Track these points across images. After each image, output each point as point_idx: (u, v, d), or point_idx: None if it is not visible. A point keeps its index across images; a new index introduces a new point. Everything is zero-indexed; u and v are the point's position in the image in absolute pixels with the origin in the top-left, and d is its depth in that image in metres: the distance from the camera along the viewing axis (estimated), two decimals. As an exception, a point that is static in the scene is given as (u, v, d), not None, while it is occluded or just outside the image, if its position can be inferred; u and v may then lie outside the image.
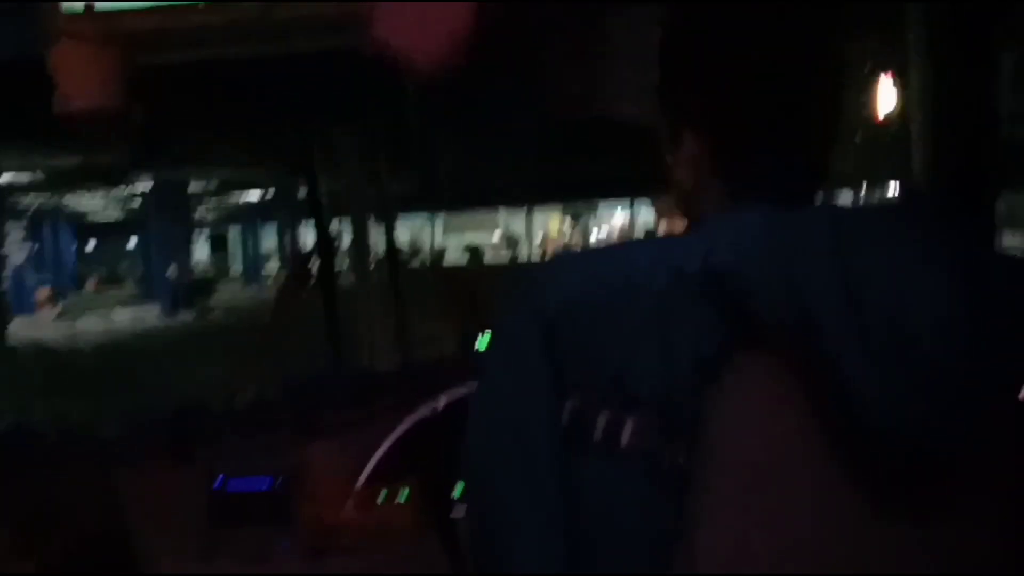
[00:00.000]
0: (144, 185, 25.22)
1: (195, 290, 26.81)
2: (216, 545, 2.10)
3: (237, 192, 30.67)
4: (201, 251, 46.80)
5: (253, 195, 30.26)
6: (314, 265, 3.63)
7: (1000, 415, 0.91)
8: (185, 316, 24.34)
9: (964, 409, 0.87)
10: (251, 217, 36.84)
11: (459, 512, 1.79)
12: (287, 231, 33.32)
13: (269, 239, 38.26)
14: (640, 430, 0.93)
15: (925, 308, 0.88)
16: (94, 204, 31.16)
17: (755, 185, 1.03)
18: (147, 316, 24.69)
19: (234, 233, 41.24)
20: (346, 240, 4.13)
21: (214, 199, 32.03)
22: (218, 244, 41.31)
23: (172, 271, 26.00)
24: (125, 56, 1.87)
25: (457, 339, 3.06)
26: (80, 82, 1.86)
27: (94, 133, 2.00)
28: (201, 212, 36.26)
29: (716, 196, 1.05)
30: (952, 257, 0.92)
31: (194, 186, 27.31)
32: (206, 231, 43.22)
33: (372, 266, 4.11)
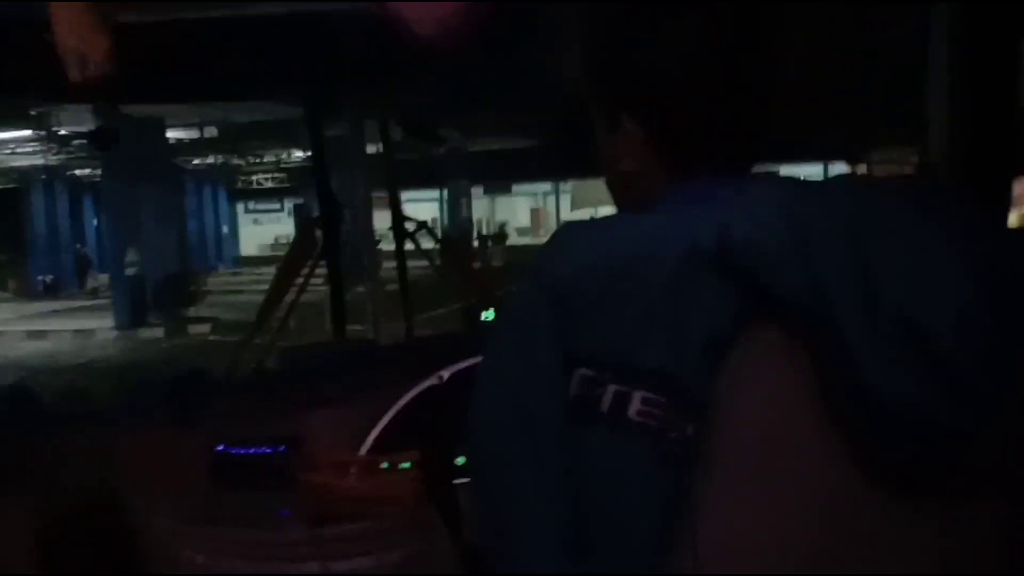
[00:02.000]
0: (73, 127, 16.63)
1: (170, 291, 17.27)
2: (216, 509, 2.10)
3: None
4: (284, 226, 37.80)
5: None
6: (319, 234, 3.61)
7: (1015, 404, 0.90)
8: (152, 332, 16.83)
9: (976, 394, 0.86)
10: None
11: (461, 480, 1.79)
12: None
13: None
14: (648, 404, 0.92)
15: (938, 290, 0.87)
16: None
17: (697, 163, 1.05)
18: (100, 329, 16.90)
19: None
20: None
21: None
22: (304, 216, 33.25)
23: (131, 261, 17.23)
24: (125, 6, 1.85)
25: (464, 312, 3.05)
26: (93, 42, 1.85)
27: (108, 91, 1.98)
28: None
29: (658, 175, 1.07)
30: (967, 239, 0.92)
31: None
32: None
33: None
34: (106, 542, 2.13)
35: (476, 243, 26.70)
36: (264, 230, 37.66)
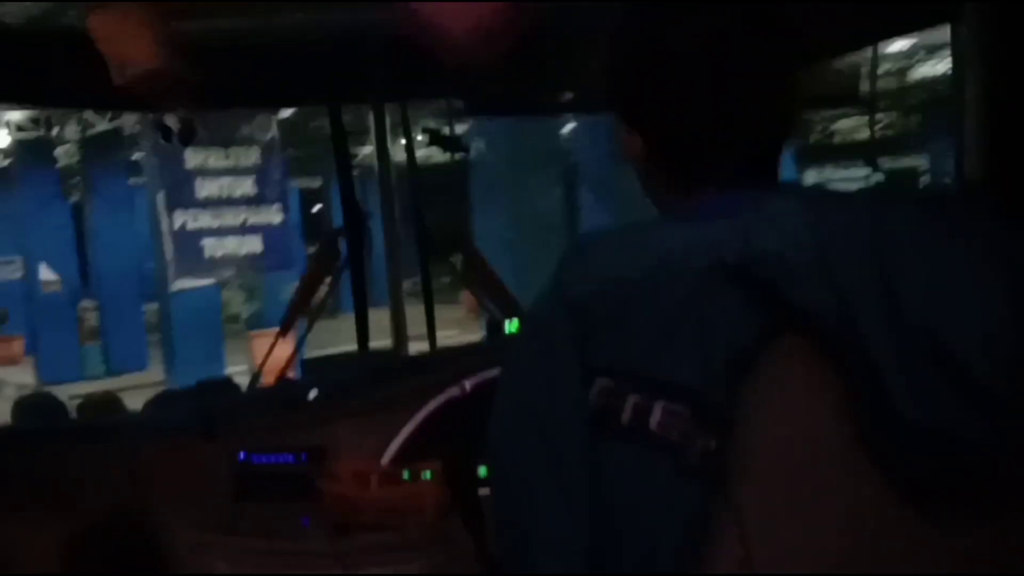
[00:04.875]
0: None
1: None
2: (239, 518, 2.11)
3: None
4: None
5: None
6: (342, 244, 3.62)
7: None
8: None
9: (1003, 414, 0.85)
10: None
11: (484, 492, 1.79)
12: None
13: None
14: (669, 416, 0.91)
15: (965, 309, 0.86)
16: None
17: (701, 175, 1.03)
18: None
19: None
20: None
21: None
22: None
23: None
24: (164, 17, 1.87)
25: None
26: (131, 47, 1.87)
27: (156, 96, 2.00)
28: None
29: (666, 183, 1.06)
30: (994, 254, 0.90)
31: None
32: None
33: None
34: (130, 551, 2.15)
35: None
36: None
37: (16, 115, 13.05)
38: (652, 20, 1.04)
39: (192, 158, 10.32)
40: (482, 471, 1.85)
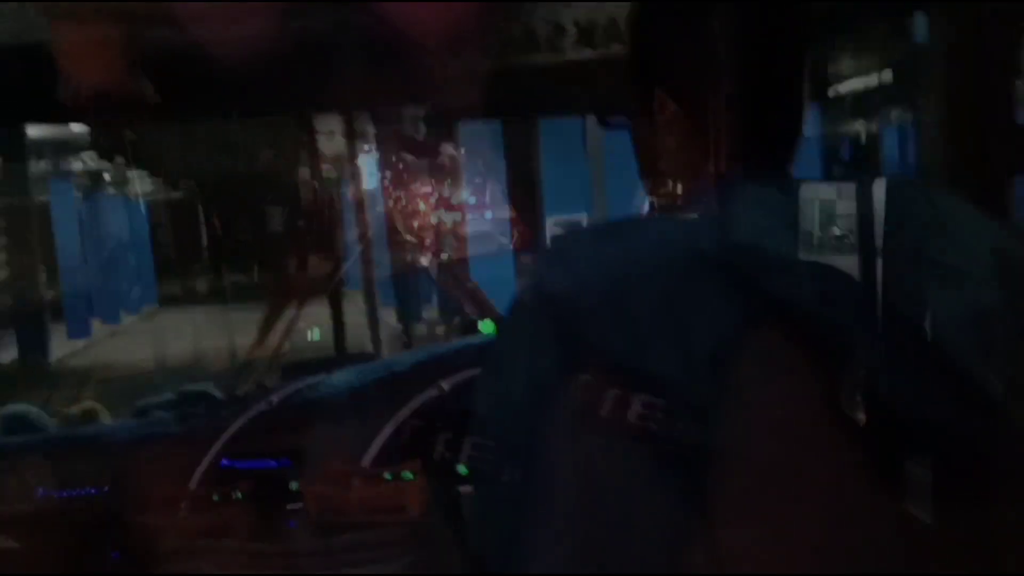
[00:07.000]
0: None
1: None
2: (223, 522, 2.12)
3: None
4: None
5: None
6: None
7: None
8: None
9: (989, 400, 0.85)
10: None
11: (465, 490, 1.81)
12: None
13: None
14: (648, 409, 0.91)
15: (948, 293, 0.86)
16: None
17: (739, 141, 1.02)
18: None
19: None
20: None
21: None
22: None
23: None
24: (128, 33, 1.87)
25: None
26: (87, 62, 1.86)
27: (104, 111, 2.00)
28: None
29: (699, 157, 1.04)
30: (974, 238, 0.91)
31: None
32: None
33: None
34: (115, 558, 2.15)
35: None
36: None
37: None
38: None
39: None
40: (462, 469, 1.87)
